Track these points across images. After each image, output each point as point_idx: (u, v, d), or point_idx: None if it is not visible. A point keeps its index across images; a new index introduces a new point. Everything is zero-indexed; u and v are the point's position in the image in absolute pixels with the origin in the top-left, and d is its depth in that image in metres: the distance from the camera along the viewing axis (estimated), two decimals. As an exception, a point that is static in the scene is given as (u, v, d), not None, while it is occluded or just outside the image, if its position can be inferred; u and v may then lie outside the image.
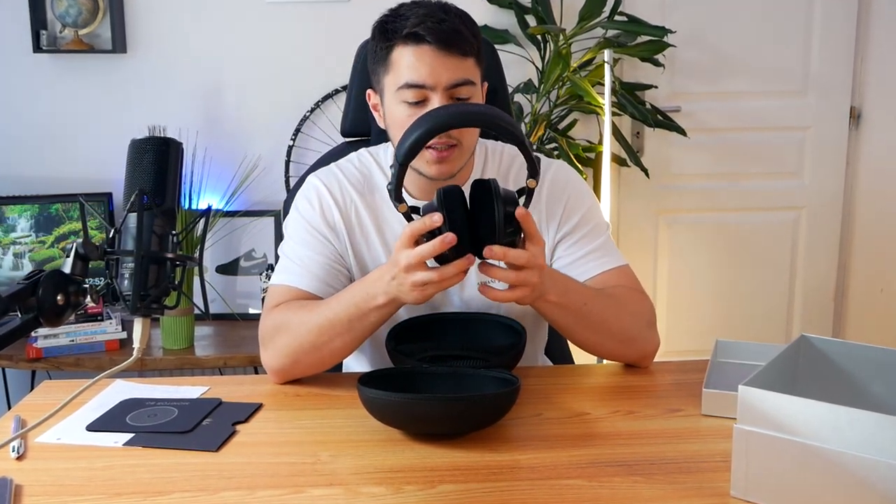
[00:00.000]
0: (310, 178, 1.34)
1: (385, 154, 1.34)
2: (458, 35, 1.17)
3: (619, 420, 1.11)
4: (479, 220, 1.04)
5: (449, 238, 1.01)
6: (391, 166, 1.05)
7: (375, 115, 1.28)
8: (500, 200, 1.03)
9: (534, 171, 1.05)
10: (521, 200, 1.06)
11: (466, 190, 1.06)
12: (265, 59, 2.50)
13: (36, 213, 2.40)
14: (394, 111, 1.21)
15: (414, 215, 1.06)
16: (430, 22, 1.15)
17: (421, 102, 1.18)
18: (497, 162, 1.33)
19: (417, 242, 1.04)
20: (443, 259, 1.04)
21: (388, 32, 1.19)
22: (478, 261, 1.05)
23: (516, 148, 1.36)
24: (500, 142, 1.38)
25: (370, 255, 1.30)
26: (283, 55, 2.50)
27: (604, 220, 1.34)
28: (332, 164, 1.35)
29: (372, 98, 1.28)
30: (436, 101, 1.17)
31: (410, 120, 1.17)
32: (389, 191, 1.05)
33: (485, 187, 1.05)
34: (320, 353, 1.19)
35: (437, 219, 1.02)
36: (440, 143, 1.18)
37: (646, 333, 1.26)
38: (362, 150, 1.37)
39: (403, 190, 1.29)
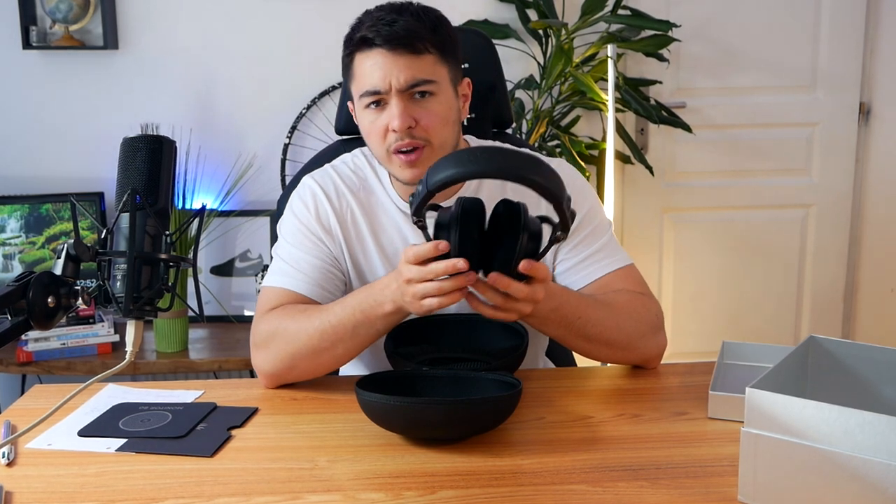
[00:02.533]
0: (305, 179, 1.33)
1: None
2: (409, 34, 1.15)
3: (623, 423, 1.10)
4: (495, 242, 1.03)
5: (460, 265, 1.00)
6: (418, 183, 1.02)
7: (357, 123, 1.27)
8: (525, 234, 1.01)
9: (565, 227, 1.02)
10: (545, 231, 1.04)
11: (490, 197, 1.04)
12: (260, 55, 2.48)
13: (26, 213, 2.38)
14: (360, 118, 1.22)
15: (430, 214, 1.03)
16: (380, 25, 1.15)
17: (380, 105, 1.18)
18: None
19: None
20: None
21: (347, 42, 1.20)
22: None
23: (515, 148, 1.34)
24: (496, 141, 1.36)
25: (365, 259, 1.29)
26: (279, 51, 2.48)
27: (606, 218, 1.33)
28: (327, 166, 1.34)
29: (351, 108, 1.28)
30: (392, 103, 1.16)
31: (373, 126, 1.19)
32: (410, 203, 1.03)
33: (513, 212, 1.03)
34: (319, 359, 1.18)
35: (443, 247, 1.01)
36: (403, 146, 1.17)
37: (648, 338, 1.25)
38: (356, 151, 1.35)
39: (394, 189, 1.28)
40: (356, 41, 1.17)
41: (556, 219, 1.03)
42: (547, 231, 1.04)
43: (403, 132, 1.16)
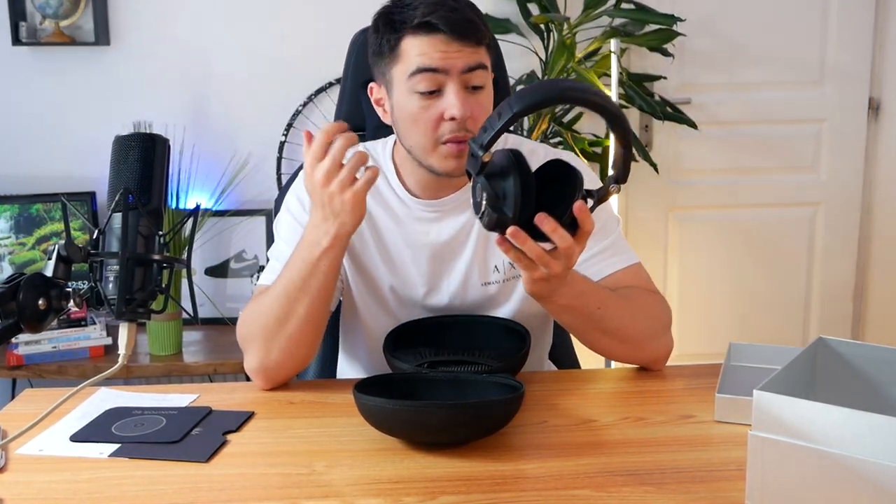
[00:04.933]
0: (301, 173, 1.30)
1: (383, 150, 1.30)
2: (471, 23, 1.15)
3: (628, 427, 1.09)
4: (545, 196, 1.00)
5: (340, 122, 1.09)
6: (498, 112, 0.95)
7: (378, 109, 1.25)
8: (580, 192, 1.00)
9: (626, 173, 1.01)
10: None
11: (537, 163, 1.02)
12: (255, 50, 2.46)
13: (16, 213, 2.36)
14: (404, 103, 1.17)
15: (481, 178, 0.99)
16: (442, 10, 1.13)
17: (435, 92, 1.15)
18: None
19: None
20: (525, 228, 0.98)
21: (395, 23, 1.16)
22: (494, 234, 0.99)
23: (516, 139, 1.32)
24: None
25: (364, 254, 1.27)
26: (274, 47, 2.46)
27: (614, 215, 1.32)
28: None
29: (375, 92, 1.24)
30: (451, 90, 1.14)
31: (424, 113, 1.15)
32: (477, 140, 0.96)
33: (570, 173, 1.01)
34: (286, 329, 1.15)
35: (341, 122, 1.09)
36: (459, 137, 1.15)
37: (659, 338, 1.24)
38: (357, 146, 1.33)
39: (401, 185, 1.26)
40: (414, 25, 1.13)
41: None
42: None
43: (463, 122, 1.14)
